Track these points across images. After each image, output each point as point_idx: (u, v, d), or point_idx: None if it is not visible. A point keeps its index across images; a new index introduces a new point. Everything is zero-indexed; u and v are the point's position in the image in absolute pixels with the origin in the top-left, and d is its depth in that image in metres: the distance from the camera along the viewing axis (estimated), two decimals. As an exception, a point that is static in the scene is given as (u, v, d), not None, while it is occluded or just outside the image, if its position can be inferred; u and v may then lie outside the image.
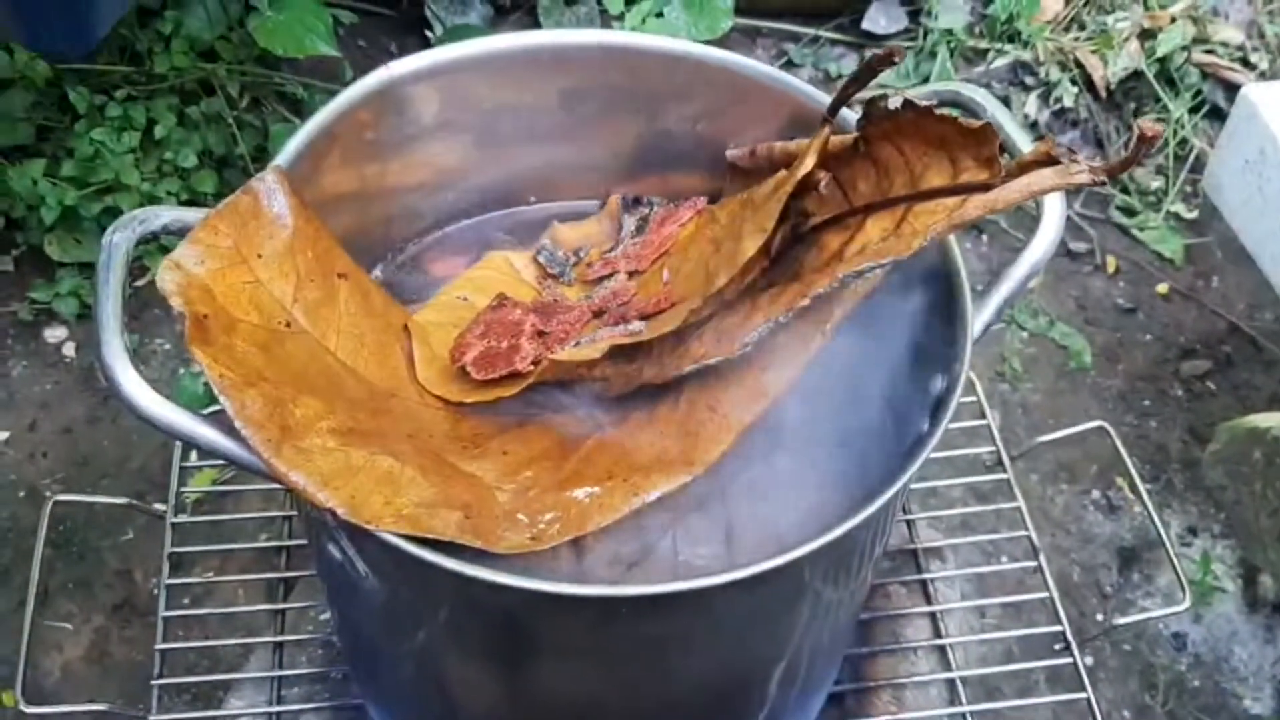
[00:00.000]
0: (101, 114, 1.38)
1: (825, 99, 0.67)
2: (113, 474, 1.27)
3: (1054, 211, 0.66)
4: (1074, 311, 1.46)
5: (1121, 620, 0.93)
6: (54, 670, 1.13)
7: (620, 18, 1.58)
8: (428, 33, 1.61)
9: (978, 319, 0.62)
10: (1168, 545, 0.87)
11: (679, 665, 0.62)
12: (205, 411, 0.60)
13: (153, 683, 0.82)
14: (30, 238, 1.38)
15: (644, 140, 0.76)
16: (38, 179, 1.33)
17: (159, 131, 1.38)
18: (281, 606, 0.89)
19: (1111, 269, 1.50)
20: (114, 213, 1.34)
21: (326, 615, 0.90)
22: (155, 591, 0.89)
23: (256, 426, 0.54)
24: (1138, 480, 0.92)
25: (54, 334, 1.39)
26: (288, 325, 0.61)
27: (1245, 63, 1.62)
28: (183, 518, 0.94)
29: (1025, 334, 1.42)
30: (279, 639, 0.87)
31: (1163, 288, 1.48)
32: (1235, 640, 1.17)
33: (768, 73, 0.72)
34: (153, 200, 1.36)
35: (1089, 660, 1.13)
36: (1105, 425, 0.94)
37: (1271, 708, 1.13)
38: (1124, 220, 1.54)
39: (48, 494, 1.18)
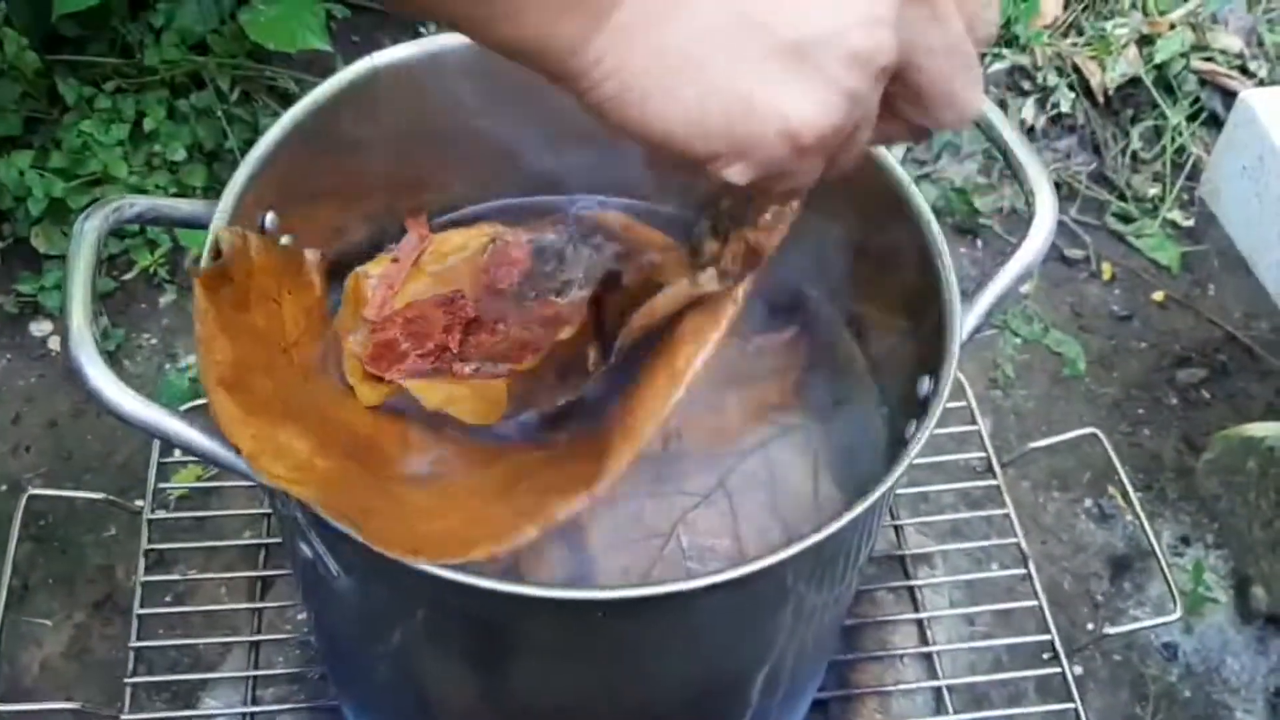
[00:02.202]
0: (91, 106, 1.37)
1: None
2: (96, 469, 1.26)
3: (1046, 214, 0.65)
4: (1068, 318, 1.45)
5: (1112, 630, 0.92)
6: (32, 667, 1.11)
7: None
8: (421, 29, 1.60)
9: (967, 320, 0.61)
10: (1160, 555, 0.86)
11: (659, 669, 0.61)
12: (183, 407, 0.59)
13: (125, 681, 0.81)
14: (17, 230, 1.37)
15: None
16: (25, 170, 1.32)
17: (148, 124, 1.37)
18: (259, 605, 0.88)
19: (1107, 276, 1.49)
20: (102, 205, 1.33)
21: (304, 615, 0.89)
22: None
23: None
24: (1130, 489, 0.91)
25: (40, 328, 1.37)
26: (284, 351, 0.60)
27: (1244, 70, 1.61)
28: (162, 514, 0.93)
29: (1019, 340, 1.41)
30: (255, 638, 0.86)
31: (1158, 295, 1.47)
32: (1227, 651, 1.16)
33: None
34: (140, 193, 1.35)
35: (1078, 670, 1.12)
36: (1097, 432, 0.93)
37: (1263, 720, 1.12)
38: (1120, 227, 1.53)
39: (30, 489, 1.16)
